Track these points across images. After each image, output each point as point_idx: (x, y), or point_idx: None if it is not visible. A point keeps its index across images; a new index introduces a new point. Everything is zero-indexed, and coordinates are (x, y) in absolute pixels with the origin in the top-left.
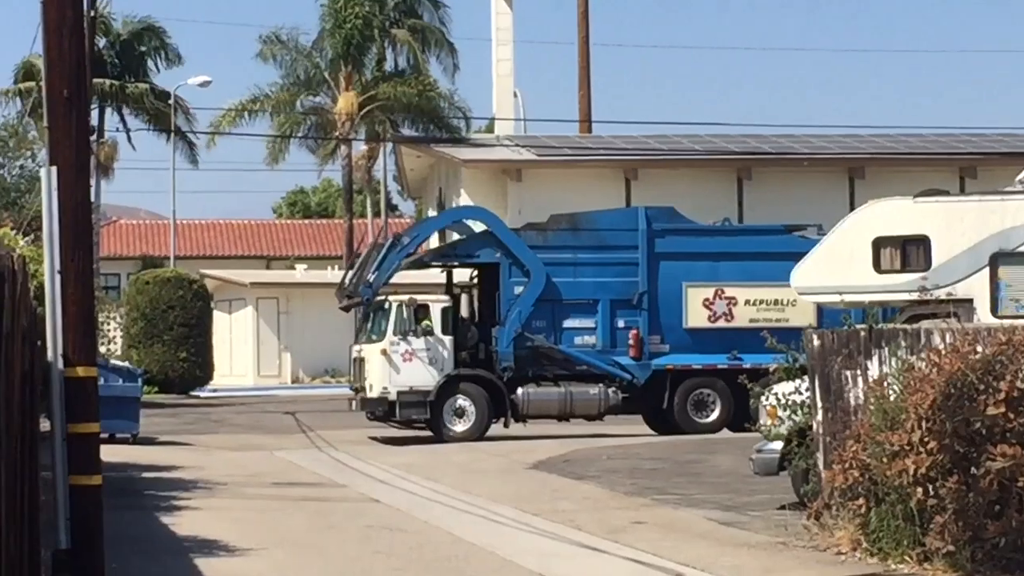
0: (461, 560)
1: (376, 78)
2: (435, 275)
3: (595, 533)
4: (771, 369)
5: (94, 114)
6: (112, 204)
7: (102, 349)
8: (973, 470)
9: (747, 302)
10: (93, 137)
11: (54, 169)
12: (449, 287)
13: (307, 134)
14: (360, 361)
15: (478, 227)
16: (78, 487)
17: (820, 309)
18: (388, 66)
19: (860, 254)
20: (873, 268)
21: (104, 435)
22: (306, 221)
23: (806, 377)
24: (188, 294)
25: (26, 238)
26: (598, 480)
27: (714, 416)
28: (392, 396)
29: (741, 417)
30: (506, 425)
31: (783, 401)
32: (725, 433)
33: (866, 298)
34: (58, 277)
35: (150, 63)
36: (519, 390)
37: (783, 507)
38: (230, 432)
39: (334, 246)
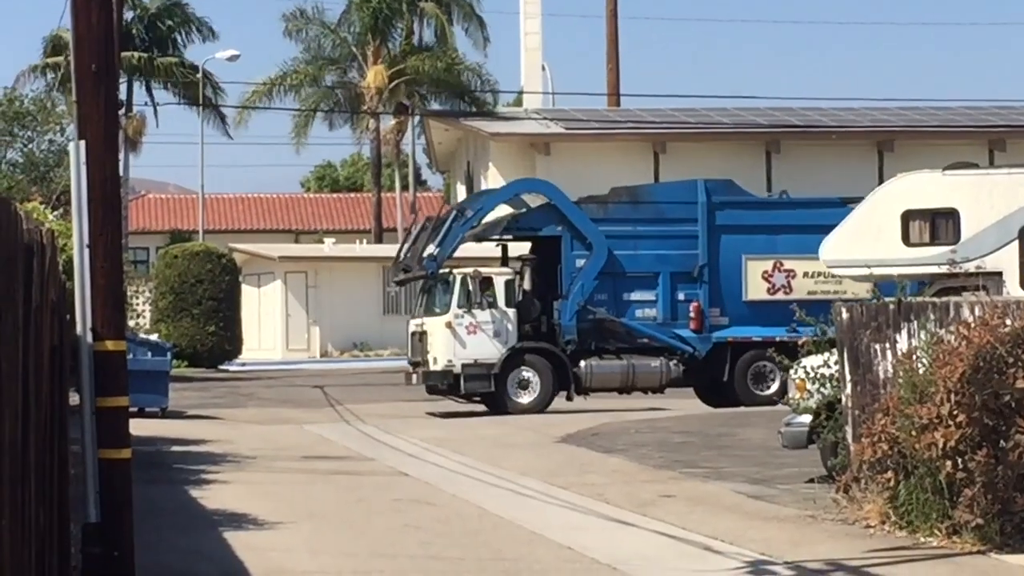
0: (489, 533)
1: (404, 52)
2: (486, 248)
3: (623, 506)
4: (800, 342)
5: (122, 88)
6: (141, 178)
7: (131, 323)
8: (1002, 443)
9: (805, 274)
10: (122, 111)
11: (83, 143)
12: (504, 260)
13: (335, 108)
14: (420, 335)
15: (536, 200)
16: (107, 461)
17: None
18: (416, 40)
19: (889, 227)
20: (902, 241)
21: (133, 409)
22: (334, 195)
23: (835, 350)
24: (217, 268)
25: (55, 212)
26: (626, 453)
27: (773, 388)
28: (457, 369)
29: None
30: (569, 398)
31: (812, 374)
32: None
33: (895, 271)
34: (87, 251)
35: (179, 37)
36: (582, 363)
37: (811, 480)
38: (259, 406)
39: (362, 220)
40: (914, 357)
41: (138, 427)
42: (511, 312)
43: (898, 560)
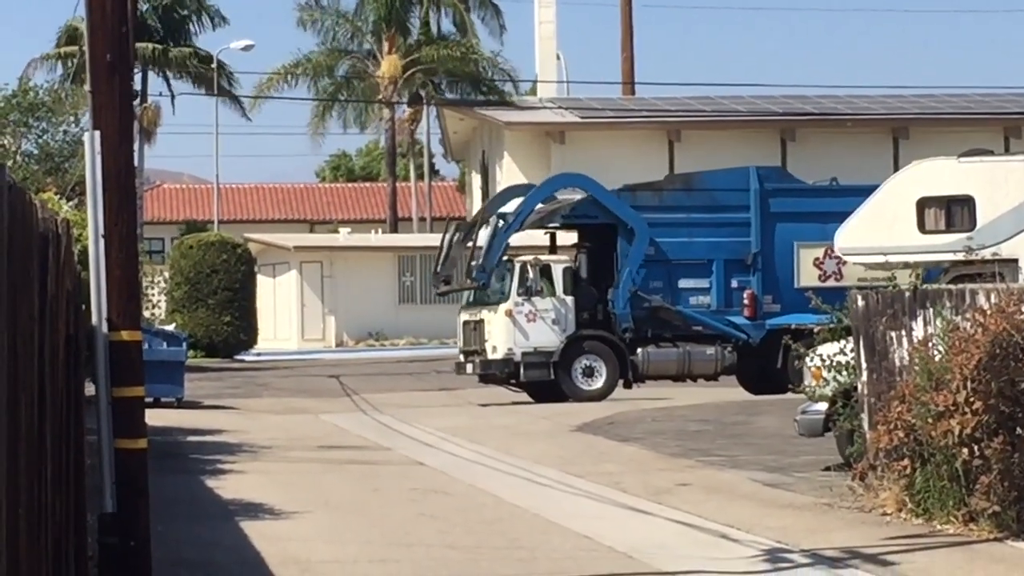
0: (505, 522)
1: (419, 41)
2: (527, 237)
3: (640, 495)
4: (816, 330)
5: (137, 78)
6: (156, 168)
7: (146, 313)
8: (1019, 430)
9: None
10: (136, 101)
11: (97, 134)
12: (553, 248)
13: (350, 97)
14: (475, 324)
15: (573, 194)
16: (123, 451)
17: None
18: (432, 29)
19: (904, 215)
20: (918, 228)
21: (149, 399)
22: (349, 184)
23: (851, 338)
24: (232, 258)
25: (70, 203)
26: (643, 442)
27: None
28: (517, 357)
29: None
30: (627, 386)
31: (828, 362)
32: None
33: (911, 259)
34: (102, 241)
35: (193, 26)
36: (639, 351)
37: (828, 468)
38: (274, 396)
39: (377, 209)
40: (930, 344)
41: (154, 417)
42: (569, 300)
43: (915, 548)
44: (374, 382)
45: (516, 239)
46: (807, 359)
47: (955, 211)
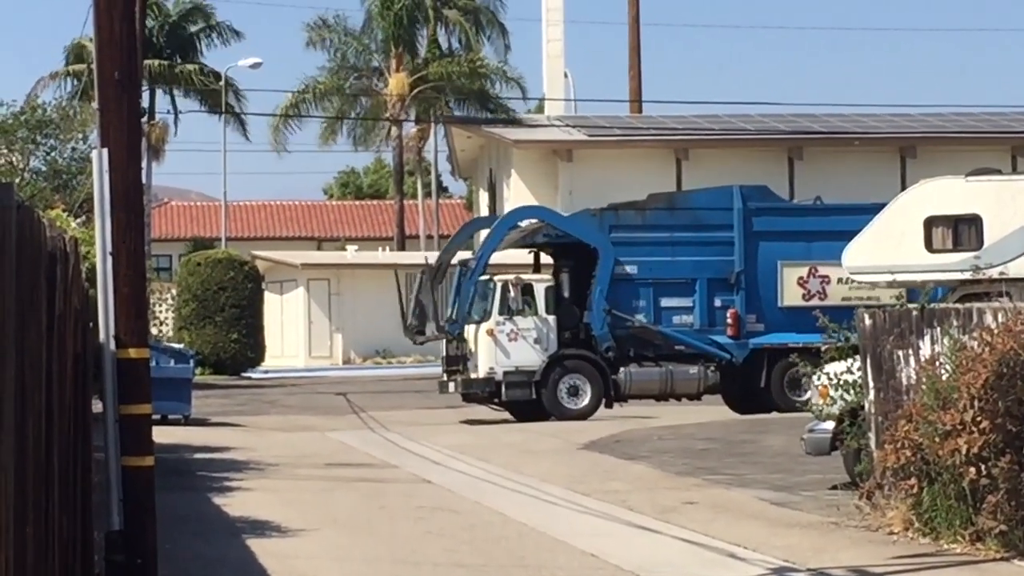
0: (513, 540)
1: (427, 59)
2: (508, 256)
3: (646, 513)
4: (823, 348)
5: (145, 96)
6: (163, 186)
7: (154, 331)
8: None
9: (839, 280)
10: (144, 119)
11: (105, 151)
12: (537, 267)
13: (359, 115)
14: (457, 343)
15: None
16: (130, 468)
17: (908, 288)
18: (439, 48)
19: (912, 233)
20: (925, 247)
21: (156, 416)
22: (357, 202)
23: (858, 356)
24: (239, 275)
25: (78, 220)
26: (649, 460)
27: (810, 395)
28: (498, 376)
29: None
30: (608, 405)
31: (835, 380)
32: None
33: (918, 278)
34: (110, 259)
35: (201, 44)
36: (621, 370)
37: (835, 487)
38: (282, 413)
39: (385, 227)
40: (937, 363)
41: (161, 434)
42: (551, 319)
43: (921, 567)
44: (381, 400)
45: (500, 257)
46: (814, 378)
47: (962, 230)
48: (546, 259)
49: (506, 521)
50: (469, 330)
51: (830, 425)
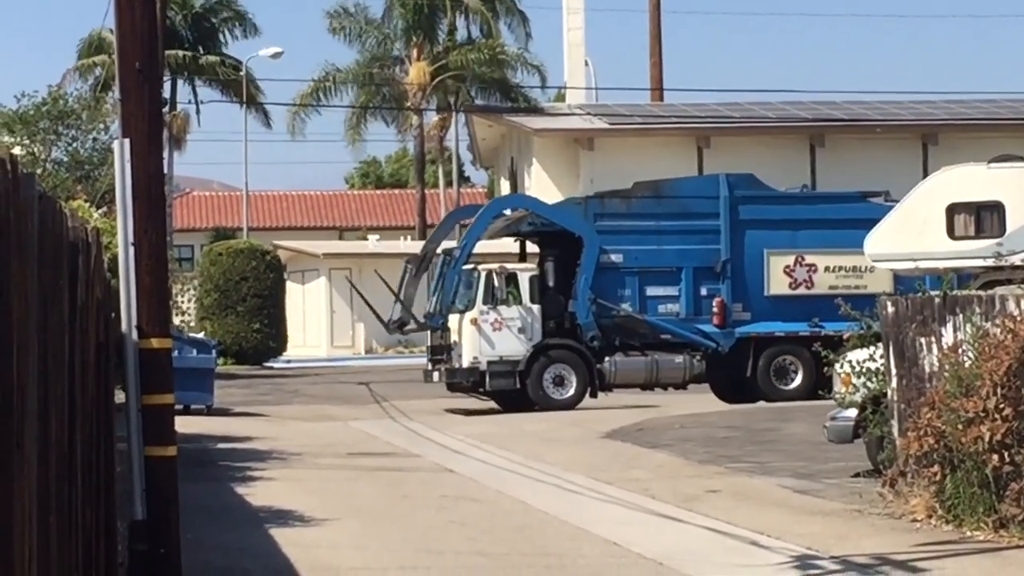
0: (535, 529)
1: (447, 47)
2: (494, 245)
3: (669, 501)
4: (845, 336)
5: (166, 86)
6: (185, 176)
7: (176, 321)
8: None
9: (826, 269)
10: (165, 109)
11: (127, 141)
12: (523, 256)
13: (380, 105)
14: (441, 332)
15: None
16: (153, 458)
17: (896, 276)
18: (460, 36)
19: (934, 221)
20: (947, 235)
21: (179, 406)
22: (378, 191)
23: (880, 344)
24: (261, 265)
25: (100, 211)
26: (671, 448)
27: (796, 383)
28: (483, 366)
29: (822, 384)
30: (593, 395)
31: (857, 368)
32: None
33: (940, 265)
34: (131, 249)
35: (225, 35)
36: (606, 359)
37: (857, 475)
38: (304, 403)
39: (407, 216)
40: (960, 351)
41: (184, 424)
42: (536, 309)
43: (945, 554)
44: (403, 389)
45: (485, 246)
46: (836, 365)
47: (985, 217)
48: (532, 248)
49: (528, 510)
50: (453, 319)
51: (853, 413)
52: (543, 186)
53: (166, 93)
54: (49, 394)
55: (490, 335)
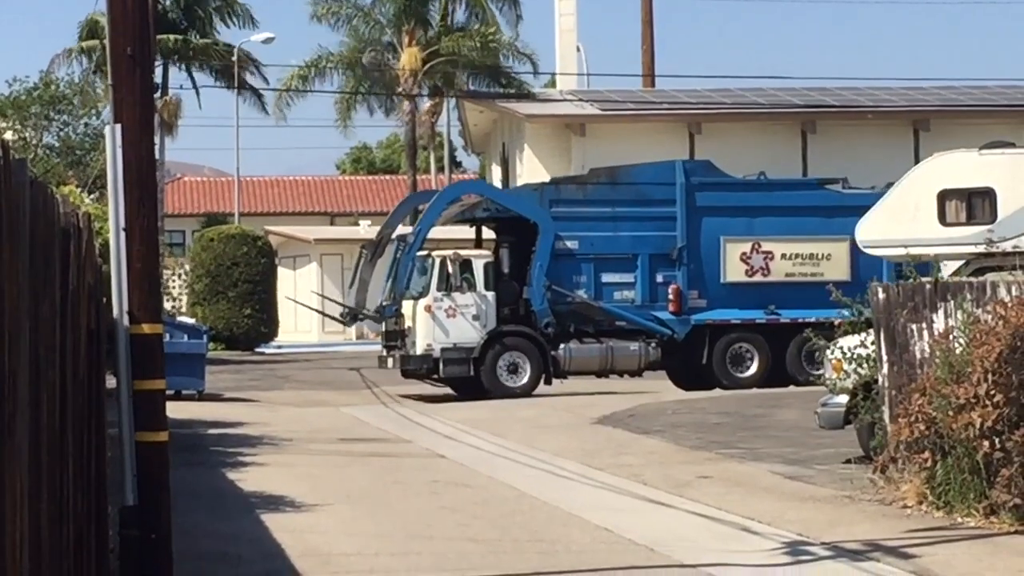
0: (526, 515)
1: (439, 33)
2: (449, 231)
3: (660, 487)
4: (836, 323)
5: (158, 71)
6: (176, 161)
7: (167, 306)
8: None
9: (783, 256)
10: (157, 94)
11: (118, 127)
12: (479, 243)
13: (371, 90)
14: (396, 318)
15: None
16: (144, 444)
17: (855, 263)
18: (451, 20)
19: (925, 207)
20: (938, 221)
21: (170, 392)
22: (370, 177)
23: (871, 331)
24: (252, 251)
25: (91, 196)
26: (663, 435)
27: (752, 371)
28: (436, 353)
29: (778, 371)
30: (548, 381)
31: (848, 355)
32: (790, 388)
33: (931, 251)
34: (123, 234)
35: (217, 22)
36: (560, 346)
37: (848, 461)
38: (295, 388)
39: (397, 202)
40: (951, 337)
41: (175, 410)
42: (490, 296)
43: (936, 540)
44: (394, 375)
45: (440, 232)
46: (827, 352)
47: (976, 203)
48: (488, 234)
49: (520, 496)
50: (407, 306)
51: (844, 399)
52: (535, 172)
53: (158, 79)
54: (40, 380)
55: (444, 322)
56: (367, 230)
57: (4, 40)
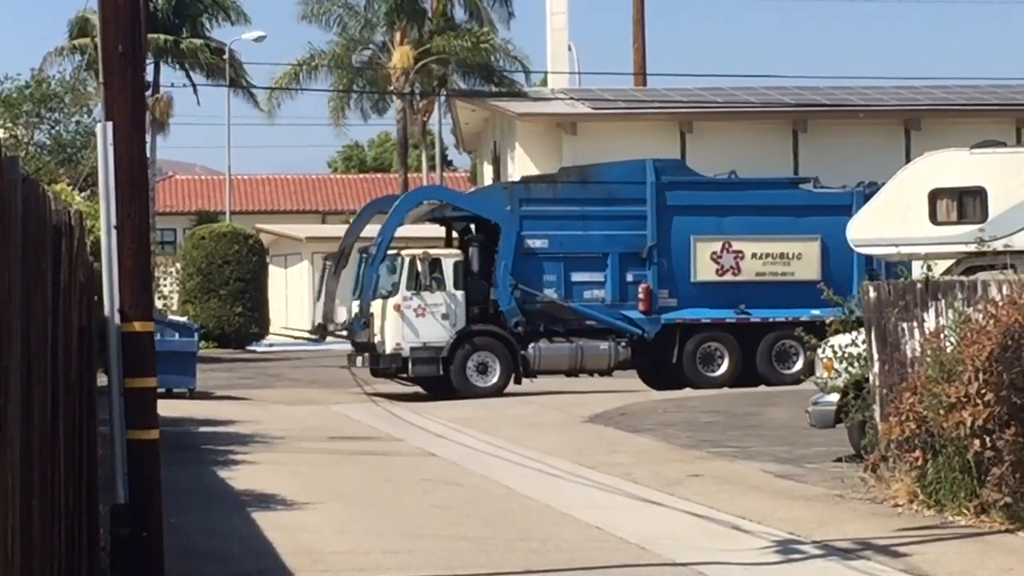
0: (517, 513)
1: (431, 31)
2: (417, 230)
3: (651, 486)
4: (828, 321)
5: (149, 69)
6: (168, 159)
7: (158, 304)
8: None
9: (754, 255)
10: (148, 93)
11: (110, 125)
12: (448, 242)
13: (363, 89)
14: (365, 318)
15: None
16: (135, 442)
17: (826, 263)
18: (443, 19)
19: (916, 206)
20: (929, 220)
21: (161, 390)
22: (361, 175)
23: (862, 329)
24: (244, 249)
25: (82, 193)
26: (654, 433)
27: (722, 370)
28: (406, 352)
29: (748, 371)
30: (518, 381)
31: (839, 353)
32: (781, 387)
33: (922, 250)
34: (114, 232)
35: (207, 20)
36: (530, 346)
37: (839, 459)
38: (286, 386)
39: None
40: (942, 336)
41: (166, 408)
42: (459, 295)
43: (926, 539)
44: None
45: (411, 231)
46: (819, 350)
47: (967, 202)
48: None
49: (511, 494)
50: (376, 305)
51: (835, 397)
52: (526, 170)
53: (149, 77)
54: (32, 377)
55: (413, 321)
56: None
57: None
